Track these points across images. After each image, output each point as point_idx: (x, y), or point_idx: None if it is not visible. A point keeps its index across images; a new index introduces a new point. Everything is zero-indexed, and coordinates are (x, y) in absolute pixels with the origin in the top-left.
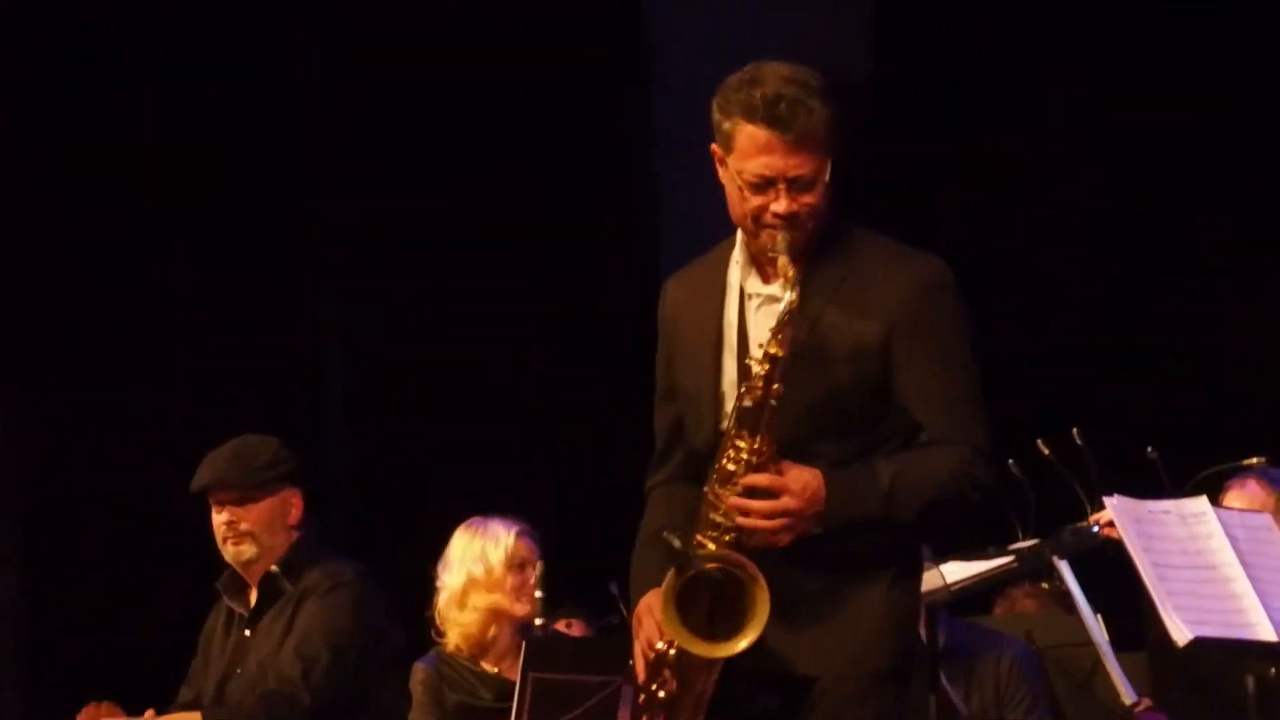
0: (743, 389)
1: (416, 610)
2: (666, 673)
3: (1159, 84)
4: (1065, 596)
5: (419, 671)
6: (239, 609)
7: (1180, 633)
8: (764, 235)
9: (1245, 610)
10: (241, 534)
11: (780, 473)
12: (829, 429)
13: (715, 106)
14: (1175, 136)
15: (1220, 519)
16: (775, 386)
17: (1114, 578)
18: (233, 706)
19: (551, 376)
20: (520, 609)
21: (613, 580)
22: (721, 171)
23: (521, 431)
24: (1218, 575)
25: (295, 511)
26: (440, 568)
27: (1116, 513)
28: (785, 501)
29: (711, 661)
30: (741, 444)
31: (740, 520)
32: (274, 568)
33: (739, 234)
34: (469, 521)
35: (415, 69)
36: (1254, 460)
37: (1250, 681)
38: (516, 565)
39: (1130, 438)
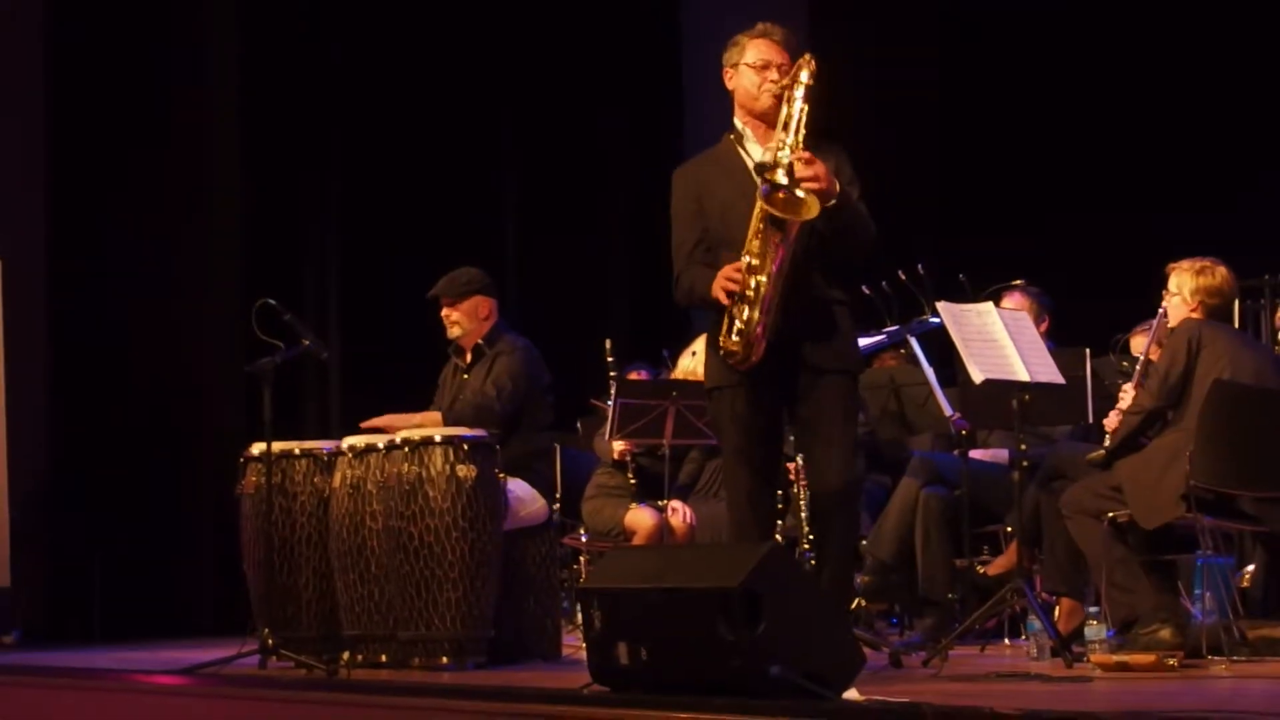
0: (796, 98)
1: (557, 363)
2: (747, 278)
3: None
4: (913, 358)
5: (633, 375)
6: (460, 363)
7: (977, 375)
8: (765, 95)
9: (1012, 364)
10: (453, 322)
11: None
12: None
13: (727, 46)
14: None
15: (999, 314)
16: (805, 106)
17: (942, 347)
18: (457, 411)
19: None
20: None
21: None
22: (734, 77)
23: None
24: (997, 345)
25: (484, 309)
26: (688, 351)
27: (944, 311)
28: (820, 169)
29: (774, 246)
30: (788, 133)
31: (800, 170)
32: (480, 341)
33: (734, 133)
34: None
35: None
36: (1018, 281)
37: (1015, 402)
38: None
39: (951, 268)
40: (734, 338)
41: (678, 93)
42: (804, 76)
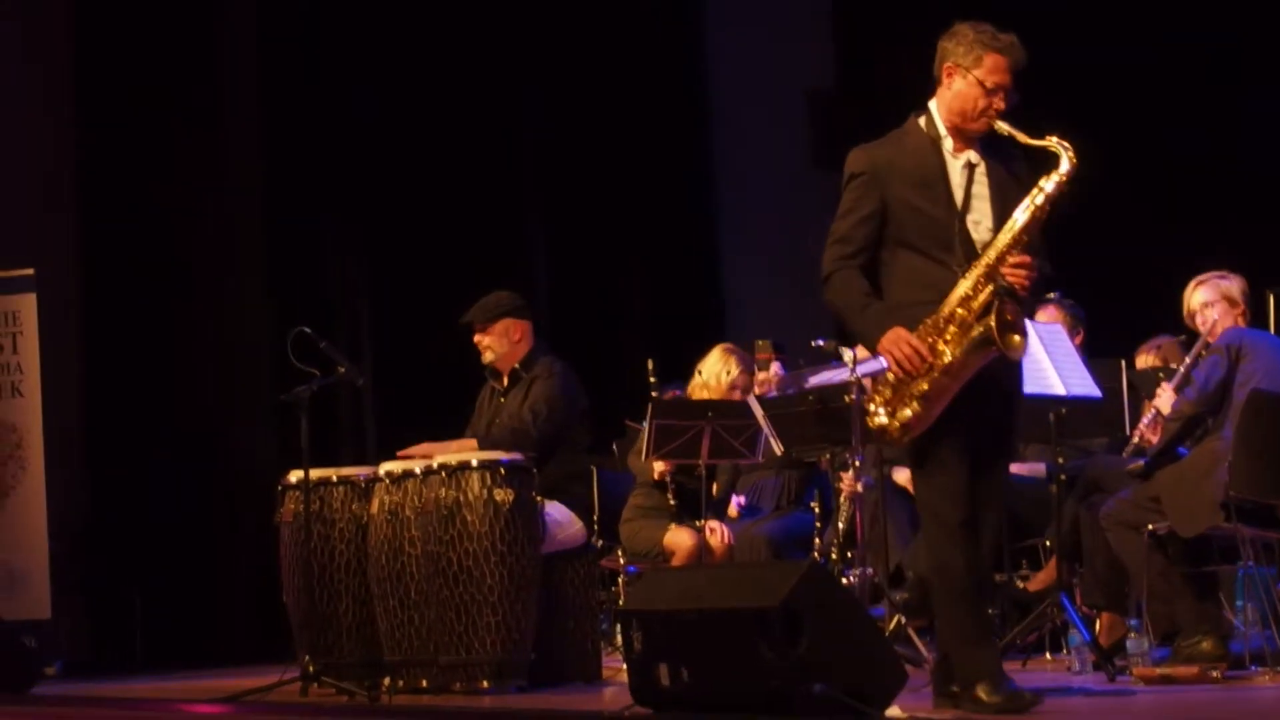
0: (1036, 205)
1: (590, 387)
2: (937, 373)
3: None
4: None
5: (668, 394)
6: (498, 386)
7: None
8: (984, 119)
9: (1048, 378)
10: (485, 347)
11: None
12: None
13: (958, 40)
14: None
15: (1034, 328)
16: (1047, 208)
17: None
18: (493, 435)
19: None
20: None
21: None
22: (954, 79)
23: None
24: (1032, 359)
25: (516, 331)
26: (700, 365)
27: None
28: (1033, 272)
29: (973, 366)
30: (1023, 236)
31: (1013, 277)
32: (517, 364)
33: (927, 121)
34: (727, 346)
35: None
36: (1051, 295)
37: (1051, 416)
38: (731, 387)
39: None
40: (894, 420)
41: (704, 100)
42: (1061, 171)
